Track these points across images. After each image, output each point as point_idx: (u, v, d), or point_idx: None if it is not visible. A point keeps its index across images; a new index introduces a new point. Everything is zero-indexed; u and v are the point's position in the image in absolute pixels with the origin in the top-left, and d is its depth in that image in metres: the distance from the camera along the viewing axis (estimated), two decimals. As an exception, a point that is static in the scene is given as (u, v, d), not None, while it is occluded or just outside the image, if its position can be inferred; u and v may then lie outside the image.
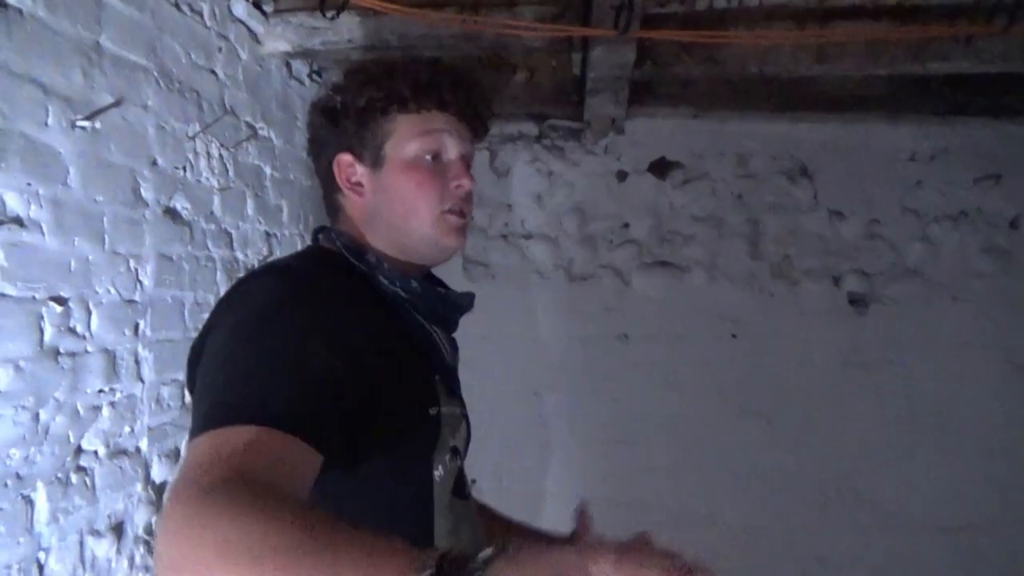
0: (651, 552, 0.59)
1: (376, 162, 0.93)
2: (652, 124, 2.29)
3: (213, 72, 1.59)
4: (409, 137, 0.93)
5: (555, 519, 2.26)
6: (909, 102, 2.19)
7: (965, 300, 2.21)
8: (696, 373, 2.24)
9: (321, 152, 0.97)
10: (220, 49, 1.62)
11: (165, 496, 0.77)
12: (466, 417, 0.99)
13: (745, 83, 2.16)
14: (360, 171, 0.94)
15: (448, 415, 0.93)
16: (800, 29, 1.78)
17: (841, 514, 2.21)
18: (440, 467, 0.92)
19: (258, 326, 0.78)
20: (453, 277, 2.31)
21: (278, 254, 1.87)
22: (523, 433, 2.25)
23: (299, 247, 2.04)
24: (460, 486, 0.96)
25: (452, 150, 0.95)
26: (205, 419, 0.72)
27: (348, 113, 0.93)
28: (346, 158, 0.94)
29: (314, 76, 2.15)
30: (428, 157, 0.93)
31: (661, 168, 2.31)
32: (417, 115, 0.93)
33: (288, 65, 1.98)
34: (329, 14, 1.63)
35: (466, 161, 0.97)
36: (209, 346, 0.81)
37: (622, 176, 2.31)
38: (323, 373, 0.77)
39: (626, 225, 2.30)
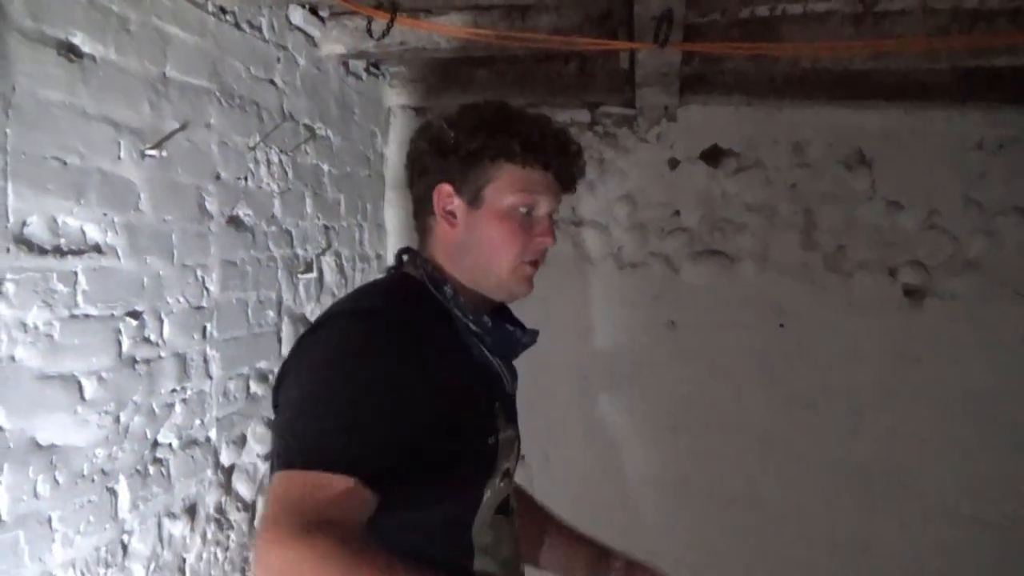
0: None
1: (474, 201, 1.00)
2: (705, 112, 2.28)
3: (272, 82, 1.70)
4: (510, 188, 1.00)
5: (600, 500, 2.38)
6: (976, 90, 2.11)
7: (1027, 295, 2.15)
8: (743, 362, 2.27)
9: (422, 175, 1.04)
10: (279, 59, 1.72)
11: (259, 524, 0.89)
12: (519, 438, 1.07)
13: (800, 72, 2.13)
14: (457, 203, 1.01)
15: (504, 440, 1.01)
16: (855, 27, 1.75)
17: (885, 505, 2.22)
18: (489, 491, 1.00)
19: (350, 374, 0.87)
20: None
21: (336, 246, 2.00)
22: (571, 416, 2.34)
23: (356, 237, 2.16)
24: (504, 504, 1.05)
25: (543, 207, 1.03)
26: (301, 455, 0.83)
27: (458, 149, 1.00)
28: (447, 188, 1.01)
29: (371, 70, 2.23)
30: (523, 210, 1.00)
31: (714, 156, 2.30)
32: (521, 169, 1.00)
33: (345, 64, 2.07)
34: (376, 35, 1.70)
35: (552, 217, 1.05)
36: (297, 379, 0.92)
37: (674, 164, 2.32)
38: (407, 429, 0.87)
39: (677, 213, 2.31)
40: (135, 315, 1.24)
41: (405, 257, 1.08)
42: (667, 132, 2.31)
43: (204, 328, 1.43)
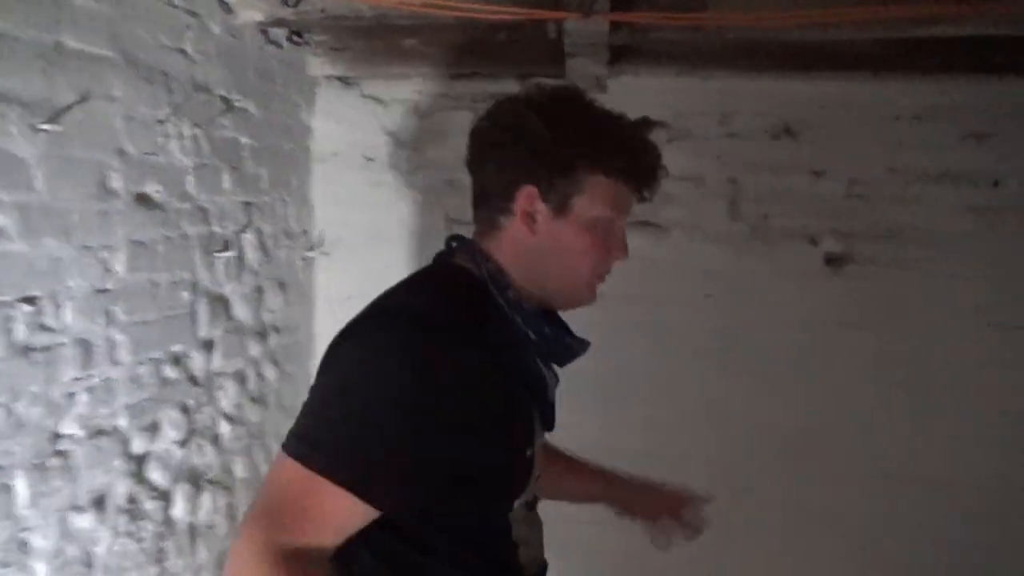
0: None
1: (560, 209, 0.96)
2: (636, 83, 2.28)
3: (182, 51, 1.61)
4: (600, 201, 0.96)
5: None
6: (897, 60, 2.15)
7: (944, 260, 2.22)
8: (675, 332, 2.30)
9: (501, 168, 0.98)
10: (189, 27, 1.63)
11: (247, 511, 0.86)
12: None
13: (729, 43, 2.13)
14: (540, 208, 0.96)
15: (538, 448, 1.01)
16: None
17: (814, 466, 2.29)
18: (523, 496, 1.01)
19: (401, 387, 0.83)
20: (439, 237, 2.36)
21: (257, 223, 1.93)
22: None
23: (280, 213, 2.09)
24: (532, 501, 1.06)
25: (623, 222, 1.01)
26: (311, 447, 0.82)
27: (554, 154, 0.94)
28: (533, 191, 0.95)
29: (293, 38, 2.15)
30: (606, 223, 0.98)
31: (646, 126, 2.29)
32: (614, 184, 0.97)
33: (264, 32, 1.98)
34: (292, 2, 1.63)
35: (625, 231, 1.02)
36: (343, 370, 0.88)
37: (604, 135, 2.31)
38: (446, 455, 0.85)
39: (609, 185, 2.31)
40: (30, 300, 1.17)
41: (455, 244, 1.04)
42: (599, 103, 2.29)
43: (109, 312, 1.36)
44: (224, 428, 1.75)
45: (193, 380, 1.63)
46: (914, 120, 2.21)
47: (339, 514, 0.82)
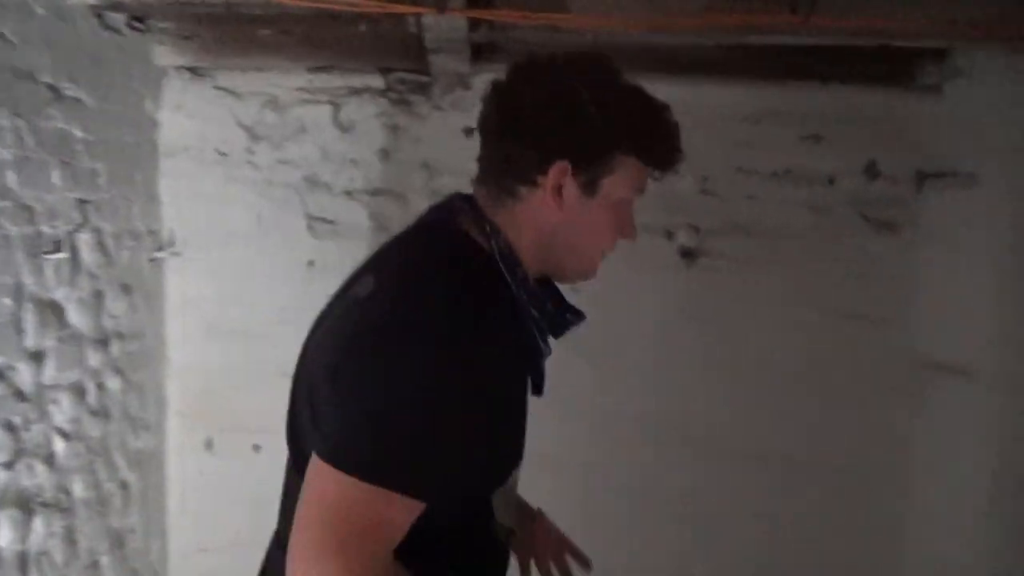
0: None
1: (588, 188, 0.94)
2: (498, 80, 2.29)
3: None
4: (628, 183, 0.96)
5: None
6: (741, 66, 2.28)
7: (785, 253, 2.38)
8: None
9: (536, 139, 0.92)
10: (5, 6, 1.49)
11: (298, 527, 0.83)
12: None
13: (587, 44, 2.18)
14: (569, 184, 0.93)
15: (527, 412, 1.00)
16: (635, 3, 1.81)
17: (669, 450, 2.39)
18: (511, 476, 1.01)
19: (427, 395, 0.82)
20: (299, 236, 2.28)
21: (95, 222, 1.79)
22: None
23: (124, 211, 1.95)
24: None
25: (635, 201, 1.00)
26: (365, 465, 0.80)
27: (596, 133, 0.91)
28: (567, 166, 0.92)
29: (134, 24, 2.01)
30: (625, 206, 0.98)
31: (508, 124, 2.32)
32: (642, 167, 0.96)
33: (99, 16, 1.84)
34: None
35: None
36: (375, 381, 0.82)
37: (469, 132, 2.31)
38: (479, 453, 0.87)
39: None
40: None
41: (459, 204, 1.00)
42: (462, 100, 2.29)
43: (-87, 322, 1.22)
44: (59, 445, 1.61)
45: (20, 395, 1.48)
46: (757, 122, 2.35)
47: (404, 518, 0.83)
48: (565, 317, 1.03)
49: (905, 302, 2.38)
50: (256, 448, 2.25)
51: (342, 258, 2.25)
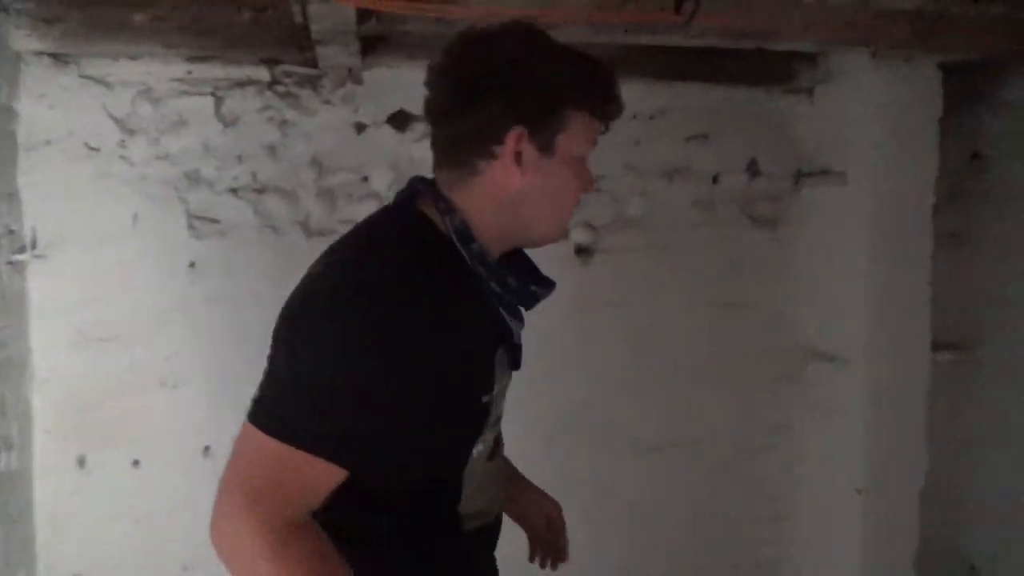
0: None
1: (546, 148, 0.95)
2: (391, 75, 2.24)
3: None
4: (582, 138, 0.98)
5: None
6: (632, 65, 2.33)
7: (675, 248, 2.46)
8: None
9: (487, 109, 0.92)
10: None
11: (220, 484, 0.90)
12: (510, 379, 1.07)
13: (479, 39, 2.17)
14: (528, 149, 0.94)
15: (499, 392, 1.03)
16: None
17: (574, 442, 2.43)
18: (481, 444, 1.03)
19: (349, 360, 0.86)
20: (179, 236, 2.16)
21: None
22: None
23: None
24: (493, 451, 1.08)
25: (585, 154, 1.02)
26: (284, 422, 0.85)
27: (542, 90, 0.93)
28: (523, 131, 0.93)
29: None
30: (581, 161, 1.00)
31: (400, 120, 2.27)
32: (591, 120, 0.99)
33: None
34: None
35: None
36: (300, 345, 0.89)
37: (361, 128, 2.25)
38: (407, 421, 0.88)
39: (366, 179, 2.26)
40: None
41: (419, 187, 1.01)
42: (352, 94, 2.23)
43: None
44: (-97, 471, 1.45)
45: None
46: (648, 121, 2.41)
47: (320, 481, 0.87)
48: (530, 289, 1.04)
49: (784, 293, 2.52)
50: (135, 464, 2.10)
51: (227, 259, 2.15)
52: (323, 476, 0.86)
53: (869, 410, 2.27)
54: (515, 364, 1.07)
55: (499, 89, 0.93)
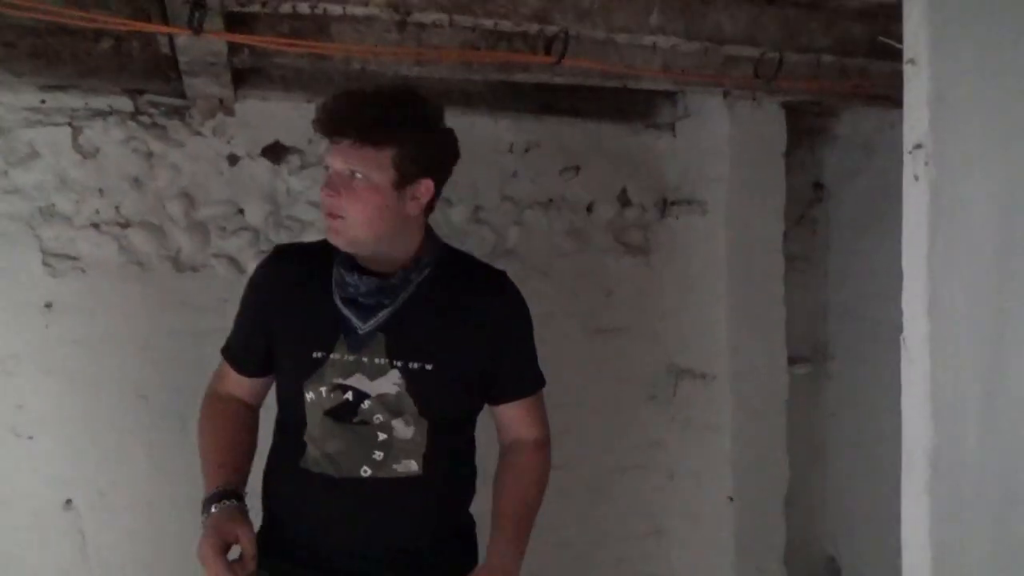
0: None
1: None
2: (265, 107, 2.21)
3: None
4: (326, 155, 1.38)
5: (164, 529, 2.17)
6: (506, 100, 2.42)
7: (552, 276, 2.54)
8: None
9: None
10: None
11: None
12: (387, 363, 1.34)
13: (355, 73, 2.18)
14: None
15: (336, 360, 1.35)
16: (399, 36, 1.85)
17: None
18: (311, 393, 1.37)
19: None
20: (33, 275, 2.01)
21: None
22: (128, 439, 2.07)
23: None
24: (343, 412, 1.35)
25: (332, 166, 1.34)
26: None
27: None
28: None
29: None
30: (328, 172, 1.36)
31: (276, 152, 2.24)
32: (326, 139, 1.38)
33: None
34: None
35: (351, 175, 1.31)
36: None
37: (234, 160, 2.20)
38: (255, 334, 1.49)
39: (240, 211, 2.20)
40: None
41: None
42: (224, 126, 2.17)
43: None
44: None
45: None
46: (523, 153, 2.50)
47: (228, 375, 1.55)
48: (345, 281, 1.39)
49: (655, 316, 2.66)
50: (-18, 522, 1.93)
51: (88, 298, 2.03)
52: (226, 370, 1.55)
53: (735, 423, 2.43)
54: (356, 348, 1.35)
55: None
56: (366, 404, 1.35)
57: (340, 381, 1.35)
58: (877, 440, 2.77)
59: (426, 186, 1.38)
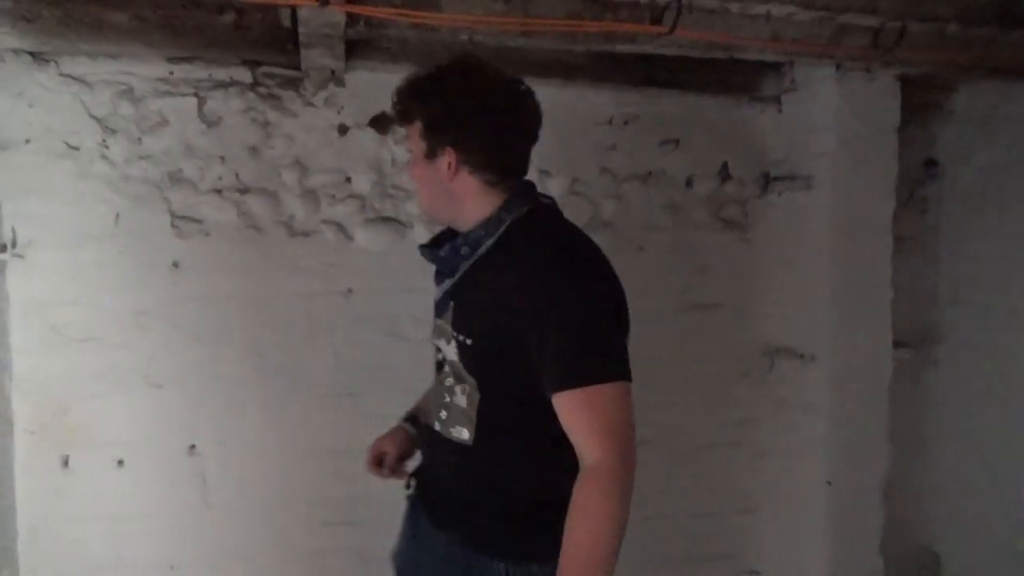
0: None
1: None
2: (373, 78, 2.27)
3: None
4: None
5: (279, 476, 2.31)
6: (607, 72, 2.40)
7: (647, 250, 2.53)
8: (418, 325, 2.34)
9: None
10: None
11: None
12: (457, 332, 1.36)
13: (460, 44, 2.21)
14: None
15: (435, 323, 1.46)
16: (505, 7, 1.87)
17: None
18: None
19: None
20: (162, 236, 2.15)
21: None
22: (246, 392, 2.20)
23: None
24: (437, 368, 1.48)
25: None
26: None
27: None
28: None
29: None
30: None
31: (382, 123, 2.31)
32: None
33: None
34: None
35: (415, 156, 1.41)
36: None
37: (343, 130, 2.28)
38: None
39: (348, 180, 2.29)
40: None
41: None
42: (335, 96, 2.25)
43: None
44: None
45: None
46: (622, 126, 2.49)
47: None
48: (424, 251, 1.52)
49: (752, 293, 2.61)
50: (120, 463, 2.10)
51: (210, 258, 2.16)
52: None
53: (834, 405, 2.37)
54: (437, 315, 1.43)
55: None
56: (445, 366, 1.43)
57: (435, 341, 1.47)
58: (985, 430, 2.66)
59: (449, 154, 1.34)
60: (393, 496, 2.30)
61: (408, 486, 1.54)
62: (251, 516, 2.19)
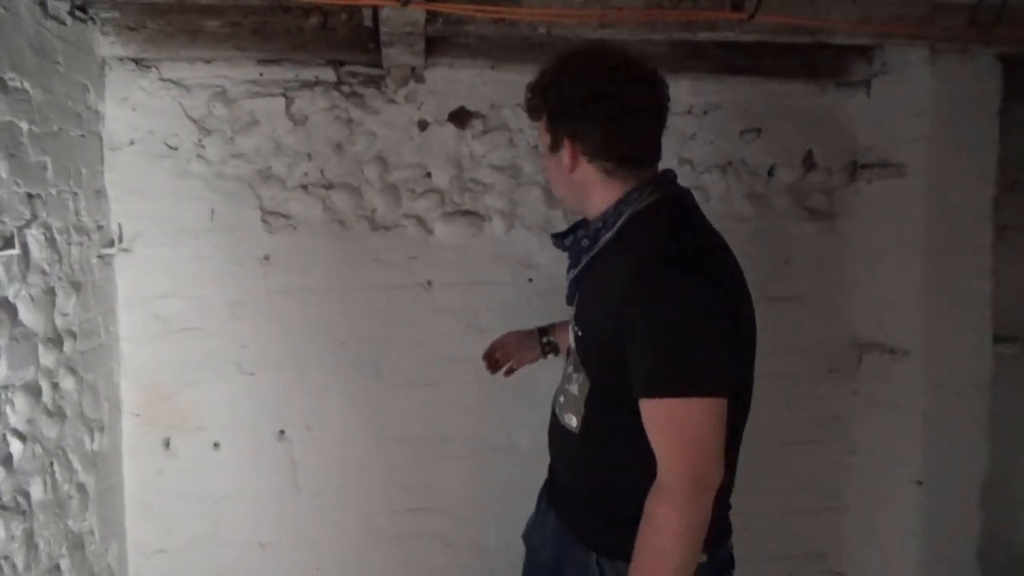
0: None
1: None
2: (452, 74, 2.31)
3: (-61, 24, 1.41)
4: None
5: (363, 462, 2.38)
6: (686, 61, 2.37)
7: (729, 241, 2.46)
8: (496, 316, 2.37)
9: None
10: (-54, -4, 1.43)
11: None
12: (575, 322, 1.39)
13: (539, 38, 2.22)
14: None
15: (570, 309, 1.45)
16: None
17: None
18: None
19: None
20: (253, 231, 2.25)
21: (44, 217, 1.74)
22: (331, 380, 2.29)
23: (71, 206, 1.90)
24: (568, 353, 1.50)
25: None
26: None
27: None
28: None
29: (77, 14, 1.95)
30: None
31: (461, 118, 2.35)
32: None
33: (42, 4, 1.78)
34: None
35: (544, 149, 1.40)
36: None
37: (423, 125, 2.33)
38: None
39: (428, 174, 2.34)
40: None
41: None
42: (415, 93, 2.31)
43: None
44: (16, 447, 1.57)
45: (-27, 396, 1.44)
46: (702, 115, 2.44)
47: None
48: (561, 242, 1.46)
49: (837, 285, 2.52)
50: (216, 446, 2.22)
51: (298, 252, 2.25)
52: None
53: (929, 402, 2.27)
54: (569, 300, 1.44)
55: None
56: (571, 352, 1.45)
57: (572, 326, 1.44)
58: (1097, 431, 2.49)
59: (568, 144, 1.33)
60: (474, 485, 2.37)
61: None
62: (336, 500, 2.28)
